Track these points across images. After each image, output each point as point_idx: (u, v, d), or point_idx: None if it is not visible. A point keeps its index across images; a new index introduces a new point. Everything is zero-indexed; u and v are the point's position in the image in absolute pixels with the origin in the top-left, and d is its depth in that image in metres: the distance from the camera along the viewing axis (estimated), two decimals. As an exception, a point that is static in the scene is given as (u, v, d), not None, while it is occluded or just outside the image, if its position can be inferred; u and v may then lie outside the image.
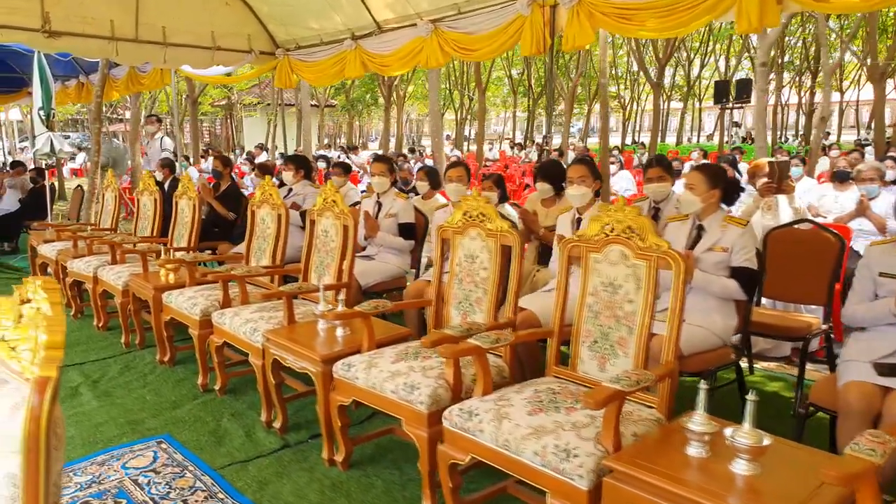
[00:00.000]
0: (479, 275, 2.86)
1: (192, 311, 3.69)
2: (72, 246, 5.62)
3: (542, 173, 4.41)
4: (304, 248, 3.86)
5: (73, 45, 6.37)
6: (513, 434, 2.05)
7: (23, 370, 1.43)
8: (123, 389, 3.80)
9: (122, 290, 4.44)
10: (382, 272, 4.46)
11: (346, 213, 3.58)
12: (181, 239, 4.93)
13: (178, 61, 7.12)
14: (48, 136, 6.80)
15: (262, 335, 3.17)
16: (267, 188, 4.18)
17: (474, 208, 2.88)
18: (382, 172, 4.60)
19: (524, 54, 5.38)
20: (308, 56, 7.39)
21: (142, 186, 5.48)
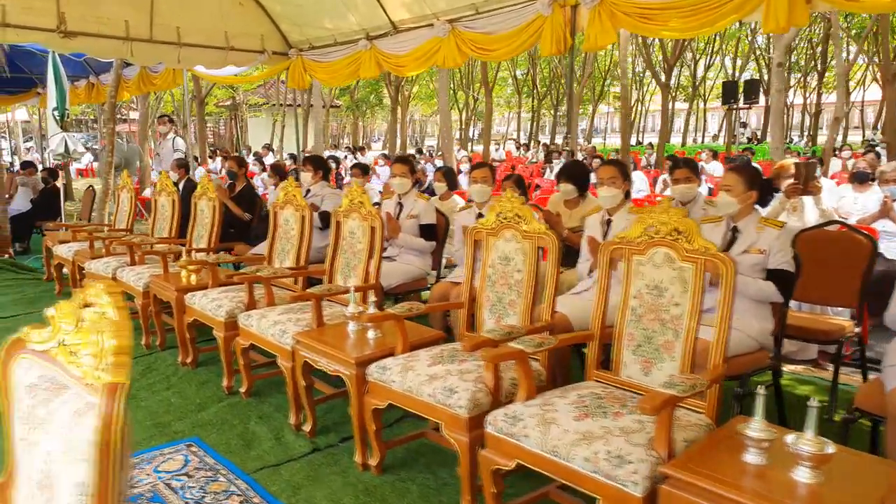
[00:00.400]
0: (513, 277, 2.82)
1: (216, 313, 3.66)
2: (88, 247, 5.61)
3: (566, 174, 4.38)
4: (330, 250, 3.83)
5: (88, 45, 6.36)
6: (561, 440, 2.02)
7: (84, 375, 1.40)
8: (147, 392, 3.77)
9: (142, 291, 4.41)
10: (404, 273, 4.42)
11: (373, 215, 3.55)
12: (200, 240, 4.90)
13: (191, 61, 7.11)
14: (62, 137, 6.77)
15: (292, 337, 3.14)
16: (290, 189, 4.15)
17: (509, 210, 2.85)
18: (404, 173, 4.57)
19: (544, 54, 5.34)
20: (322, 56, 7.37)
21: (159, 187, 5.46)
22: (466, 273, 3.05)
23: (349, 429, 3.15)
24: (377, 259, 3.52)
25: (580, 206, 4.41)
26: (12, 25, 5.84)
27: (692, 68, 27.72)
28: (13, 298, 5.94)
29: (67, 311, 1.45)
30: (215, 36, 7.12)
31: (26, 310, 5.59)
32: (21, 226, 8.52)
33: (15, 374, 1.50)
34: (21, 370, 1.49)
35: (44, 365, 1.47)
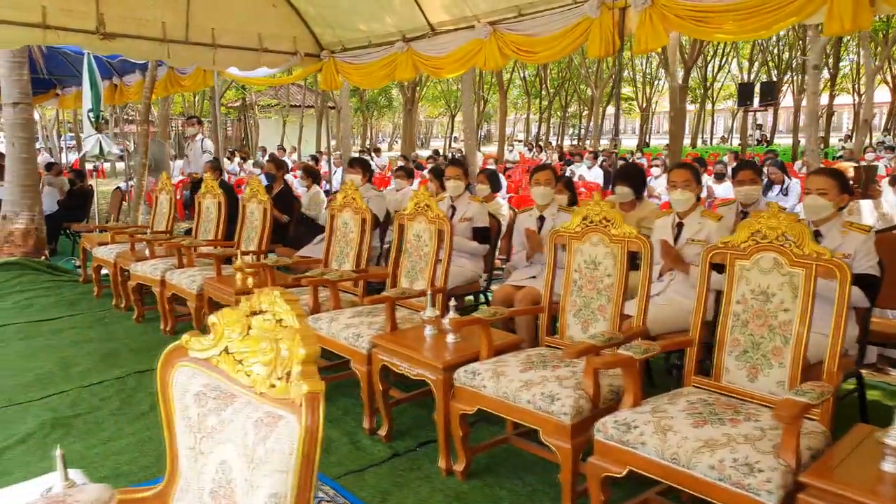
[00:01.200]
0: (602, 282, 2.81)
1: (281, 317, 3.64)
2: (129, 249, 5.59)
3: (622, 177, 4.37)
4: (393, 253, 3.82)
5: (126, 46, 6.35)
6: (681, 447, 2.00)
7: (253, 384, 1.39)
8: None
9: (196, 294, 4.40)
10: (458, 276, 4.39)
11: (441, 218, 3.53)
12: (250, 242, 4.89)
13: (225, 63, 7.10)
14: (97, 138, 6.76)
15: (369, 341, 3.12)
16: (349, 192, 4.14)
17: (597, 213, 2.83)
18: (457, 176, 4.55)
19: (591, 56, 5.33)
20: (355, 58, 7.36)
21: (204, 189, 5.44)
22: (548, 277, 3.03)
23: (426, 433, 3.16)
24: (446, 262, 3.50)
25: (636, 209, 4.39)
26: (52, 27, 5.83)
27: (703, 70, 27.69)
28: (53, 301, 5.92)
29: (232, 319, 1.43)
30: (249, 37, 7.11)
31: (68, 311, 5.58)
32: (48, 227, 8.52)
33: (177, 383, 1.48)
34: (183, 378, 1.48)
35: (206, 373, 1.46)
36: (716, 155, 16.14)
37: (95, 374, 4.08)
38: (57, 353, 4.47)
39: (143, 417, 3.47)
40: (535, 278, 3.89)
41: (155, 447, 3.10)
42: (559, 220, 3.93)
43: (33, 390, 3.85)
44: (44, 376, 4.06)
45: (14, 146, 6.64)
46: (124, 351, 4.53)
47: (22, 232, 6.69)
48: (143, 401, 3.68)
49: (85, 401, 3.70)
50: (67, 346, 4.65)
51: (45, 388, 3.87)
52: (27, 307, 5.73)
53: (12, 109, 6.60)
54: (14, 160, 6.65)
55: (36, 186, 6.90)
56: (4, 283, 6.23)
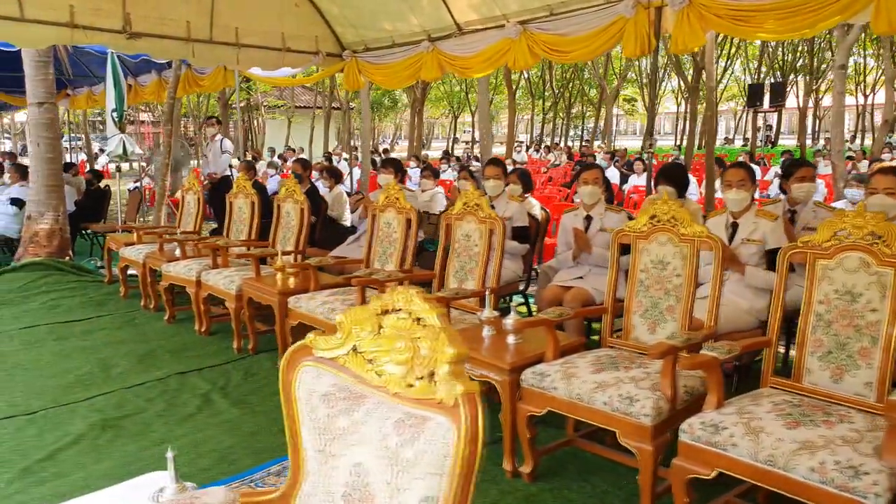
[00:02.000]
0: (671, 282, 2.78)
1: (330, 317, 3.61)
2: (158, 249, 5.55)
3: (665, 176, 4.34)
4: (440, 253, 3.79)
5: (151, 46, 6.31)
6: (777, 449, 1.97)
7: (386, 384, 1.36)
8: (256, 396, 3.72)
9: (235, 294, 4.36)
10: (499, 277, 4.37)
11: (493, 217, 3.50)
12: (286, 242, 4.85)
13: (249, 63, 7.07)
14: (121, 138, 6.71)
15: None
16: (393, 192, 4.10)
17: (664, 212, 2.80)
18: (497, 175, 4.53)
19: (627, 56, 5.30)
20: (378, 58, 7.32)
21: (236, 189, 5.40)
22: (612, 277, 2.99)
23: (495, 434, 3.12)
24: (498, 262, 3.47)
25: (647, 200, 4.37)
26: (80, 26, 5.80)
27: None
28: (80, 301, 5.88)
29: (361, 318, 1.40)
30: (272, 37, 7.08)
31: (97, 312, 5.53)
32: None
33: (302, 383, 1.45)
34: (309, 378, 1.44)
35: (333, 373, 1.43)
36: (724, 156, 16.14)
37: (136, 376, 4.04)
38: (94, 355, 4.43)
39: (192, 419, 3.43)
40: (583, 279, 3.86)
41: (211, 449, 3.07)
42: (607, 220, 3.91)
43: (76, 391, 3.81)
44: (84, 377, 4.02)
45: (39, 146, 6.60)
46: (161, 352, 4.49)
47: (47, 232, 6.64)
48: (188, 402, 3.64)
49: (130, 402, 3.66)
50: (102, 346, 4.61)
51: (88, 390, 3.83)
52: (55, 307, 5.69)
53: (37, 109, 6.56)
54: (39, 160, 6.60)
55: (61, 187, 6.85)
56: (31, 283, 6.18)
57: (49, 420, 3.43)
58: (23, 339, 4.83)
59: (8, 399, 3.71)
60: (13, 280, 6.26)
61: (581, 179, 3.97)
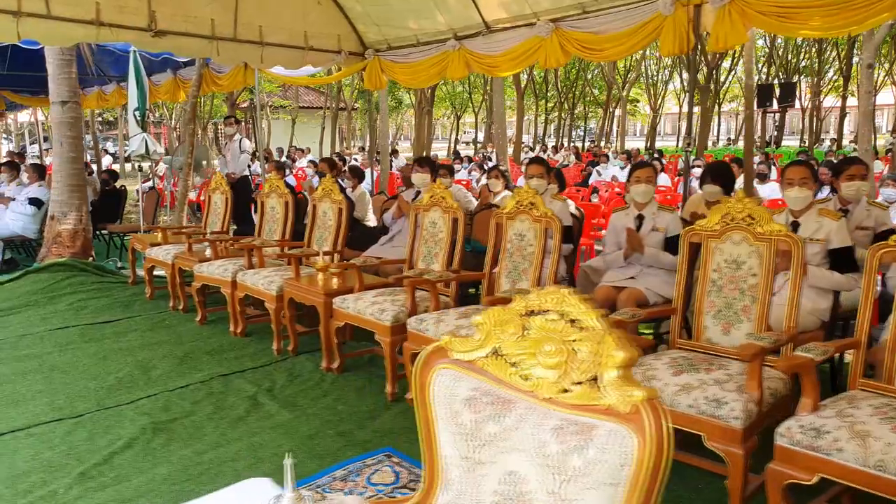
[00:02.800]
0: (745, 282, 2.72)
1: (381, 318, 3.54)
2: (186, 250, 5.48)
3: (713, 175, 4.30)
4: (489, 252, 3.73)
5: (176, 44, 6.25)
6: (888, 454, 1.91)
7: (534, 388, 1.30)
8: (305, 398, 3.65)
9: (275, 295, 4.29)
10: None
11: (549, 216, 3.44)
12: (323, 243, 4.78)
13: (273, 61, 7.00)
14: (143, 137, 6.64)
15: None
16: (438, 192, 4.04)
17: (739, 210, 2.75)
18: (540, 174, 4.48)
19: (664, 54, 5.24)
20: (402, 57, 7.26)
21: (268, 188, 5.33)
22: (680, 277, 2.93)
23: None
24: (555, 261, 3.41)
25: (691, 200, 4.32)
26: (106, 24, 5.72)
27: (715, 72, 27.66)
28: (106, 303, 5.80)
29: (503, 319, 1.34)
30: (295, 36, 7.02)
31: (125, 314, 5.46)
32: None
33: (439, 386, 1.39)
34: (447, 381, 1.38)
35: (473, 376, 1.37)
36: (730, 157, 16.13)
37: (177, 378, 3.98)
38: (130, 356, 4.36)
39: (243, 422, 3.36)
40: (635, 279, 3.81)
41: (271, 453, 3.00)
42: (659, 220, 3.85)
43: (119, 394, 3.74)
44: (125, 380, 3.95)
45: (62, 145, 6.51)
46: (198, 354, 4.42)
47: (70, 233, 6.55)
48: (236, 405, 3.58)
49: (176, 405, 3.59)
50: (138, 349, 4.54)
51: (131, 392, 3.76)
52: (82, 309, 5.61)
53: (60, 108, 6.47)
54: (62, 160, 6.52)
55: (83, 187, 6.76)
56: (55, 284, 6.10)
57: (97, 423, 3.36)
58: (54, 340, 4.75)
59: (50, 401, 3.64)
60: (37, 281, 6.18)
61: (633, 177, 3.91)
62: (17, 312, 5.49)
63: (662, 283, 3.79)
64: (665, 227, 3.82)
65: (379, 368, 4.06)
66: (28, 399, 3.68)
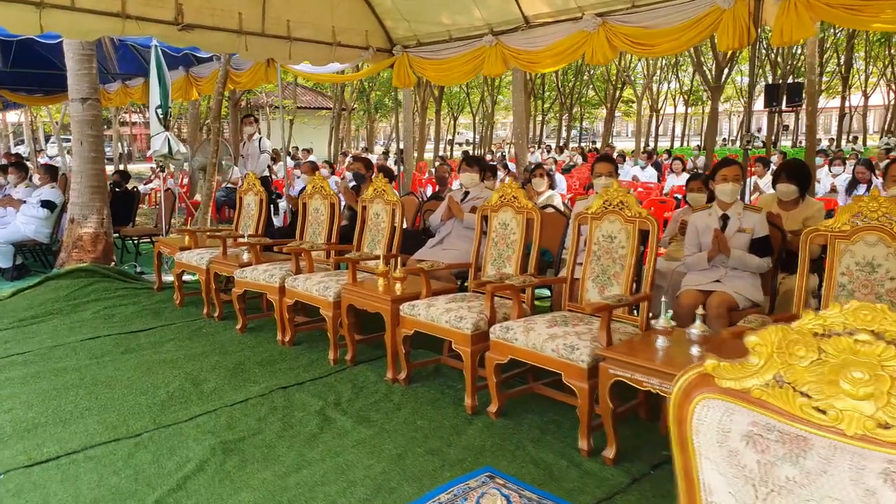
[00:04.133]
0: (882, 285, 2.53)
1: (459, 326, 3.32)
2: (221, 254, 5.23)
3: (789, 173, 4.11)
4: (571, 255, 3.52)
5: (203, 39, 6.01)
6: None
7: (836, 422, 1.08)
8: (378, 412, 3.41)
9: (332, 301, 4.05)
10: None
11: (644, 217, 3.23)
12: (375, 245, 4.55)
13: (301, 57, 6.77)
14: (165, 136, 6.36)
15: (591, 354, 2.82)
16: (509, 192, 3.82)
17: (873, 210, 2.55)
18: (609, 172, 4.27)
19: (722, 49, 5.07)
20: (433, 53, 7.05)
21: (311, 189, 5.08)
22: (801, 282, 2.74)
23: (655, 455, 2.86)
24: (651, 265, 3.20)
25: (799, 207, 4.14)
26: (132, 17, 5.46)
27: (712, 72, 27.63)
28: (134, 310, 5.53)
29: (790, 340, 1.12)
30: (323, 31, 6.79)
31: (157, 322, 5.20)
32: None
33: (705, 420, 1.17)
34: (716, 415, 1.16)
35: (750, 409, 1.14)
36: (734, 157, 16.04)
37: (233, 391, 3.73)
38: (176, 369, 4.10)
39: (318, 440, 3.12)
40: (720, 282, 3.61)
41: (362, 475, 2.76)
42: (745, 220, 3.66)
43: (174, 410, 3.49)
44: (177, 394, 3.69)
45: (82, 144, 6.21)
46: (249, 365, 4.17)
47: (91, 237, 6.25)
48: (306, 420, 3.34)
49: (240, 422, 3.34)
50: (183, 360, 4.28)
51: (187, 408, 3.51)
52: (110, 317, 5.34)
53: (81, 105, 6.17)
54: (83, 160, 6.21)
55: (104, 188, 6.46)
56: (78, 290, 5.82)
57: (159, 444, 3.11)
58: (89, 351, 4.49)
59: (101, 419, 3.38)
60: (59, 288, 5.88)
61: (720, 176, 3.71)
62: (42, 321, 5.21)
63: (750, 285, 3.60)
64: (752, 228, 3.63)
65: (449, 379, 3.84)
66: (77, 417, 3.41)
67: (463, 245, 4.88)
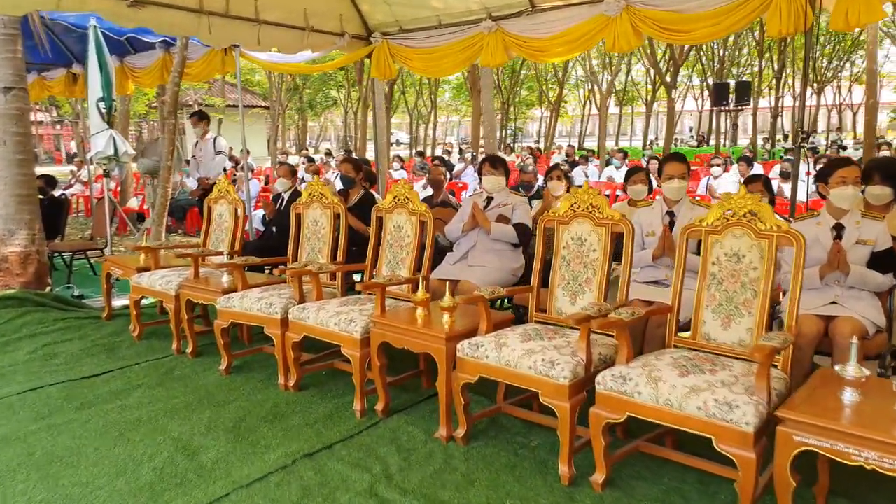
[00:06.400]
0: None
1: (552, 374, 2.58)
2: (192, 276, 4.30)
3: (883, 174, 3.58)
4: (702, 283, 2.84)
5: (157, 18, 5.05)
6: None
7: None
8: (448, 490, 2.61)
9: (359, 339, 3.23)
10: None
11: (791, 234, 2.60)
12: (398, 265, 3.74)
13: (270, 43, 5.89)
14: (110, 135, 5.30)
15: (757, 416, 2.15)
16: (585, 197, 3.11)
17: None
18: (682, 175, 3.64)
19: (772, 35, 4.52)
20: (420, 41, 6.27)
21: (307, 196, 4.20)
22: None
23: None
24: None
25: (894, 211, 3.63)
26: (71, -11, 4.45)
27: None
28: (81, 348, 4.50)
29: None
30: (294, 14, 5.91)
31: (114, 363, 4.21)
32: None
33: None
34: None
35: None
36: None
37: (243, 464, 2.85)
38: (158, 432, 3.17)
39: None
40: (837, 304, 3.04)
41: None
42: (865, 231, 3.10)
43: (170, 497, 2.59)
44: (167, 472, 2.79)
45: (6, 144, 5.05)
46: (253, 421, 3.28)
47: (20, 256, 5.11)
48: (348, 499, 2.53)
49: (265, 511, 2.50)
50: (161, 417, 3.35)
51: (187, 493, 2.62)
52: (51, 358, 4.30)
53: (3, 97, 5.03)
54: (7, 163, 5.05)
55: (35, 197, 5.32)
56: (6, 324, 4.71)
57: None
58: (33, 409, 3.49)
59: (70, 519, 2.46)
60: (-21, 322, 4.77)
61: (837, 177, 3.14)
62: (-40, 368, 4.13)
63: (872, 307, 3.05)
64: (874, 240, 3.08)
65: (514, 433, 3.10)
66: (32, 517, 2.48)
67: (492, 261, 4.17)
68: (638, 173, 4.61)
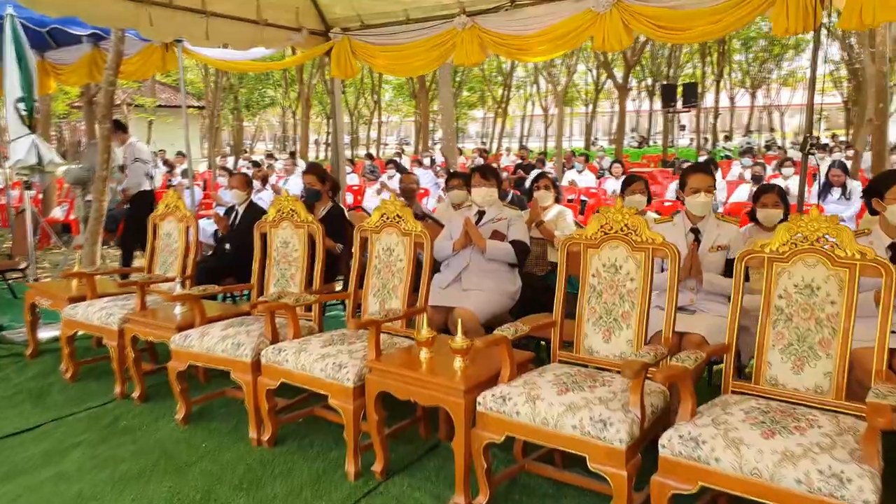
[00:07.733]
0: None
1: (604, 437, 2.13)
2: (139, 307, 3.68)
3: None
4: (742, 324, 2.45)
5: (88, 6, 4.35)
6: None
7: None
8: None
9: (352, 388, 2.71)
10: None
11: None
12: (389, 295, 3.22)
13: (219, 38, 5.23)
14: (32, 141, 4.57)
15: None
16: (619, 217, 2.68)
17: None
18: (709, 188, 3.26)
19: (777, 34, 4.23)
20: (387, 38, 5.76)
21: (274, 214, 3.62)
22: None
23: None
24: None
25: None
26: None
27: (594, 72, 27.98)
28: (3, 394, 3.80)
29: None
30: (245, 6, 5.28)
31: (43, 412, 3.55)
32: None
33: None
34: None
35: None
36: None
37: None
38: (105, 511, 2.57)
39: None
40: None
41: None
42: None
43: None
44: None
45: None
46: (224, 491, 2.71)
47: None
48: None
49: None
50: (109, 489, 2.74)
51: None
52: (-37, 410, 3.60)
53: None
54: None
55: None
56: None
57: None
58: (-59, 482, 2.82)
59: None
60: None
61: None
62: None
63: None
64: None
65: (546, 499, 2.64)
66: None
67: (489, 284, 3.71)
68: (637, 182, 4.28)
